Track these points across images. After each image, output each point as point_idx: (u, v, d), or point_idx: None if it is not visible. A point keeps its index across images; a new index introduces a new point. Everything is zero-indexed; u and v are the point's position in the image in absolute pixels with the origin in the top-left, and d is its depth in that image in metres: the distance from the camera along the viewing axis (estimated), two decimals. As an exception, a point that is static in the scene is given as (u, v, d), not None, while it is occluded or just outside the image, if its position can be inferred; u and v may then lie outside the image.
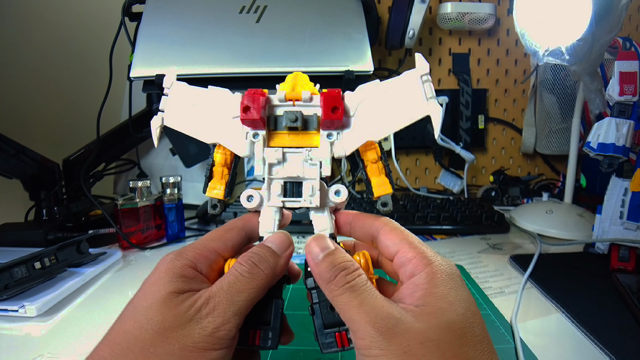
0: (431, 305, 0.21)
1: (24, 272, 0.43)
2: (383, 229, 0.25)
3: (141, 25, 0.64)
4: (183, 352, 0.19)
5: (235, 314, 0.21)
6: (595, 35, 0.50)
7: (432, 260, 0.23)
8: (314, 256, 0.23)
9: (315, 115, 0.26)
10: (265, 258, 0.23)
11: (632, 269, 0.49)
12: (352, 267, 0.22)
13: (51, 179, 0.66)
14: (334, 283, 0.22)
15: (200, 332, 0.20)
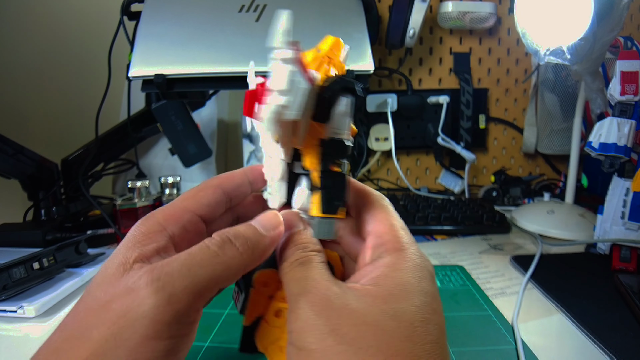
0: (382, 287, 0.18)
1: (22, 272, 0.43)
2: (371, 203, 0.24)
3: (140, 25, 0.63)
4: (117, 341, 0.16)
5: (189, 291, 0.17)
6: (597, 34, 0.50)
7: (405, 247, 0.20)
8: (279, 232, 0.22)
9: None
10: (244, 234, 0.20)
11: (633, 269, 0.49)
12: (310, 247, 0.21)
13: (50, 179, 0.66)
14: (288, 261, 0.20)
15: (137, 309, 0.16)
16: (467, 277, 0.49)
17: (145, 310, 0.16)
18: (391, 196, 0.80)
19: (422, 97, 0.87)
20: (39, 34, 0.80)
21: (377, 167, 0.95)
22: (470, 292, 0.46)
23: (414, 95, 0.87)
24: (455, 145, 0.86)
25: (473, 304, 0.43)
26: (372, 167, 0.94)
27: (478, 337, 0.37)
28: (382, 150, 0.90)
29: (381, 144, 0.90)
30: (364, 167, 0.92)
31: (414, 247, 0.21)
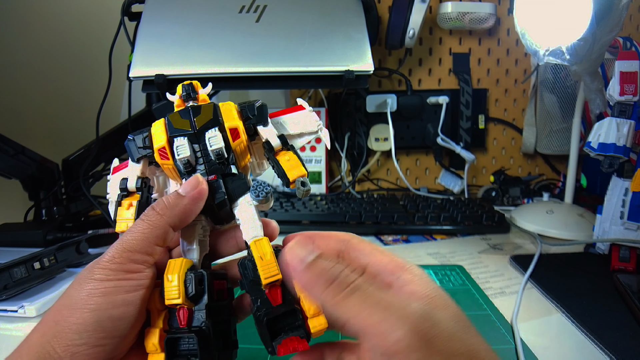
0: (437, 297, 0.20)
1: (23, 272, 0.43)
2: (350, 241, 0.24)
3: (141, 25, 0.64)
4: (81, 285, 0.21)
5: (127, 250, 0.22)
6: (596, 35, 0.50)
7: (406, 267, 0.22)
8: (301, 261, 0.21)
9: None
10: (164, 199, 0.24)
11: (632, 269, 0.49)
12: (350, 268, 0.21)
13: (50, 179, 0.66)
14: (332, 287, 0.20)
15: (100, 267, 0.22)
16: (466, 276, 0.50)
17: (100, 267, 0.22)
18: (391, 196, 0.80)
19: (421, 98, 0.87)
20: (40, 34, 0.80)
21: (377, 167, 0.95)
22: (470, 291, 0.46)
23: (414, 95, 0.87)
24: (454, 145, 0.86)
25: (472, 303, 0.43)
26: (372, 167, 0.94)
27: (477, 337, 0.37)
28: (382, 151, 0.91)
29: (381, 144, 0.90)
30: (364, 167, 0.92)
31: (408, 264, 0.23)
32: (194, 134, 0.25)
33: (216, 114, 0.26)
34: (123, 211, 0.26)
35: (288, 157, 0.25)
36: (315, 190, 0.87)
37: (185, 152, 0.25)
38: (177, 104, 0.27)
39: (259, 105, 0.26)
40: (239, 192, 0.25)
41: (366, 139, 0.90)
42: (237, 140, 0.25)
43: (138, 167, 0.27)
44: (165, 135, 0.25)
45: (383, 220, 0.66)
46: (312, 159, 0.87)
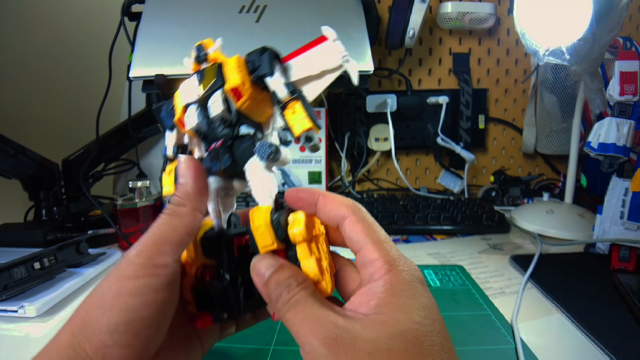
0: (385, 314, 0.20)
1: (23, 272, 0.43)
2: (349, 218, 0.23)
3: (141, 25, 0.64)
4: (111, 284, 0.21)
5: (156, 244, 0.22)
6: (596, 35, 0.50)
7: (394, 266, 0.21)
8: (261, 277, 0.22)
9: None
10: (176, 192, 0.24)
11: (632, 269, 0.49)
12: (296, 282, 0.21)
13: (50, 179, 0.66)
14: (279, 302, 0.21)
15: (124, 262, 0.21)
16: (466, 276, 0.50)
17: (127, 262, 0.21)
18: (391, 196, 0.80)
19: (421, 98, 0.87)
20: (40, 34, 0.80)
21: (377, 167, 0.95)
22: (470, 291, 0.46)
23: (414, 95, 0.87)
24: (454, 145, 0.86)
25: (472, 303, 0.43)
26: (372, 167, 0.94)
27: (477, 337, 0.37)
28: (382, 151, 0.91)
29: (381, 144, 0.90)
30: (364, 167, 0.92)
31: (401, 262, 0.22)
32: (203, 100, 0.25)
33: (220, 74, 0.24)
34: (166, 177, 0.27)
35: (292, 109, 0.23)
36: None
37: (191, 123, 0.25)
38: (193, 68, 0.26)
39: (263, 53, 0.24)
40: (245, 156, 0.24)
41: (366, 139, 0.90)
42: (241, 100, 0.24)
43: (173, 135, 0.27)
44: (182, 104, 0.25)
45: (383, 220, 0.66)
46: (312, 159, 0.87)
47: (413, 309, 0.20)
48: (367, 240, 0.22)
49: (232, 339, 0.37)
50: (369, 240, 0.22)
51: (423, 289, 0.21)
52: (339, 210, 0.23)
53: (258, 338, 0.37)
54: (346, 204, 0.24)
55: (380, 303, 0.20)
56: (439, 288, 0.47)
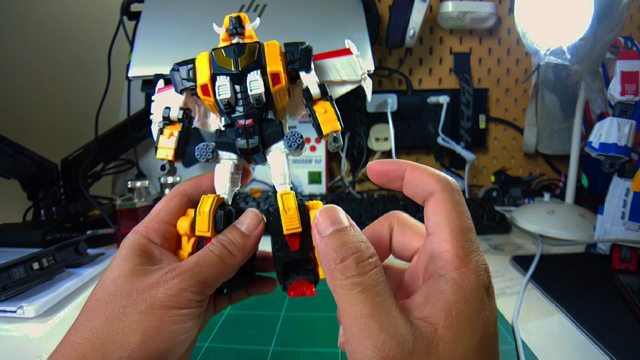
0: (452, 329, 0.17)
1: (22, 272, 0.43)
2: (436, 195, 0.21)
3: (140, 25, 0.63)
4: (150, 310, 0.21)
5: (202, 282, 0.22)
6: (597, 34, 0.50)
7: (465, 263, 0.19)
8: (322, 229, 0.20)
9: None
10: (235, 240, 0.24)
11: (633, 269, 0.48)
12: (367, 253, 0.19)
13: (49, 179, 0.65)
14: (341, 268, 0.19)
15: (166, 292, 0.21)
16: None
17: (173, 294, 0.21)
18: (391, 196, 0.80)
19: (422, 97, 0.87)
20: (39, 34, 0.80)
21: (377, 167, 0.94)
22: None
23: (414, 95, 0.87)
24: (455, 145, 0.86)
25: (473, 304, 0.43)
26: (372, 167, 0.93)
27: (478, 338, 0.37)
28: (382, 151, 0.90)
29: (381, 144, 0.90)
30: (364, 167, 0.92)
31: (474, 259, 0.19)
32: (236, 75, 0.25)
33: (260, 55, 0.25)
34: (165, 140, 0.27)
35: (325, 109, 0.25)
36: (315, 190, 0.86)
37: (226, 94, 0.25)
38: (223, 37, 0.26)
39: (303, 48, 0.26)
40: (273, 139, 0.26)
41: (366, 139, 0.90)
42: (278, 86, 0.25)
43: (181, 98, 0.27)
44: (208, 71, 0.25)
45: (383, 220, 0.66)
46: (312, 159, 0.87)
47: (478, 325, 0.18)
48: (445, 226, 0.20)
49: (232, 339, 0.37)
50: (446, 226, 0.19)
51: (488, 299, 0.19)
52: (428, 185, 0.21)
53: (258, 338, 0.37)
54: (437, 179, 0.21)
55: (449, 311, 0.18)
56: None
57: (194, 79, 0.26)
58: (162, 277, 0.22)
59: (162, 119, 0.27)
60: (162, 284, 0.22)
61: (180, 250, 0.26)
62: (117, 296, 0.22)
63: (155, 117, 0.28)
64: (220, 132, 0.27)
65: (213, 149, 0.26)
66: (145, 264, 0.23)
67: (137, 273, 0.23)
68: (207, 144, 0.26)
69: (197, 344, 0.36)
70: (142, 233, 0.25)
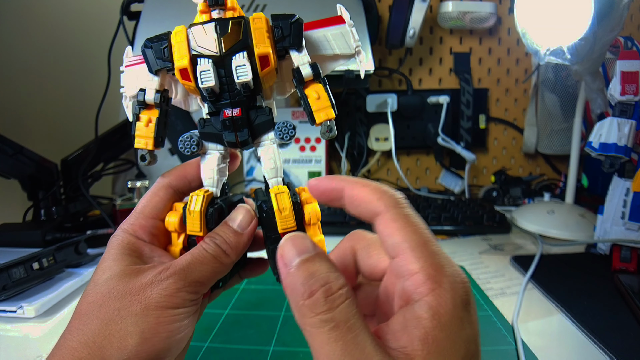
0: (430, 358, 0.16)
1: (22, 272, 0.43)
2: (382, 215, 0.19)
3: (140, 24, 0.63)
4: (146, 311, 0.21)
5: (197, 281, 0.22)
6: (597, 34, 0.50)
7: (439, 283, 0.17)
8: (288, 260, 0.19)
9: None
10: (228, 239, 0.23)
11: (633, 269, 0.48)
12: (337, 284, 0.17)
13: (49, 179, 0.65)
14: (308, 305, 0.17)
15: (161, 292, 0.21)
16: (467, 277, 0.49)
17: (168, 294, 0.21)
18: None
19: (422, 97, 0.87)
20: (39, 34, 0.80)
21: (377, 167, 0.95)
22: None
23: (414, 95, 0.87)
24: (455, 145, 0.86)
25: (473, 304, 0.43)
26: (372, 167, 0.94)
27: (478, 338, 0.37)
28: (382, 150, 0.90)
29: (381, 144, 0.90)
30: (364, 167, 0.92)
31: (447, 275, 0.18)
32: (220, 57, 0.22)
33: (246, 33, 0.22)
34: (142, 127, 0.24)
35: (318, 94, 0.23)
36: (315, 190, 0.86)
37: (210, 81, 0.22)
38: (201, 9, 0.23)
39: (294, 22, 0.23)
40: (263, 129, 0.24)
41: (366, 139, 0.90)
42: (266, 69, 0.23)
43: (156, 80, 0.24)
44: (187, 52, 0.23)
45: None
46: (312, 159, 0.87)
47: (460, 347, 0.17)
48: (406, 246, 0.18)
49: (232, 339, 0.37)
50: (407, 246, 0.18)
51: (467, 316, 0.18)
52: (370, 204, 0.20)
53: (258, 338, 0.37)
54: (379, 197, 0.20)
55: (425, 339, 0.16)
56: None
57: (170, 58, 0.23)
58: (155, 276, 0.22)
59: (136, 102, 0.24)
60: (156, 284, 0.21)
61: (170, 246, 0.25)
62: (110, 298, 0.21)
63: (127, 90, 0.25)
64: (205, 121, 0.24)
65: (198, 140, 0.24)
66: (136, 263, 0.23)
67: (130, 273, 0.22)
68: (191, 134, 0.24)
69: (197, 343, 0.36)
70: (129, 231, 0.24)
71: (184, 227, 0.24)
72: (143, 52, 0.24)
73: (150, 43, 0.24)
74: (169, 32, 0.24)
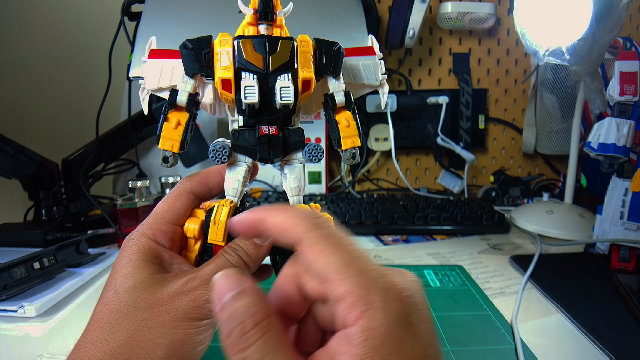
0: None
1: (23, 272, 0.43)
2: (304, 241, 0.18)
3: (140, 25, 0.64)
4: (174, 323, 0.20)
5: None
6: (596, 35, 0.50)
7: (370, 303, 0.16)
8: (216, 301, 0.18)
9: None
10: (248, 251, 0.24)
11: (632, 269, 0.49)
12: (252, 321, 0.17)
13: (50, 179, 0.66)
14: (227, 345, 0.17)
15: (189, 304, 0.21)
16: (466, 277, 0.50)
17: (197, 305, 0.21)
18: (391, 196, 0.80)
19: (421, 98, 0.87)
20: (39, 34, 0.80)
21: (377, 167, 0.95)
22: (470, 292, 0.46)
23: (414, 95, 0.87)
24: (454, 145, 0.86)
25: (472, 303, 0.43)
26: (371, 167, 0.94)
27: (477, 337, 0.37)
28: (382, 151, 0.91)
29: (381, 144, 0.90)
30: (364, 167, 0.92)
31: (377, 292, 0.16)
32: (265, 75, 0.23)
33: (293, 55, 0.23)
34: (170, 129, 0.24)
35: (348, 122, 0.24)
36: (315, 190, 0.87)
37: (253, 98, 0.22)
38: (249, 21, 0.23)
39: (336, 51, 0.24)
40: (293, 148, 0.25)
41: (366, 139, 0.90)
42: (306, 93, 0.24)
43: (191, 84, 0.24)
44: (231, 63, 0.23)
45: (383, 220, 0.66)
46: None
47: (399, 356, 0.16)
48: (330, 269, 0.17)
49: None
50: (331, 269, 0.17)
51: (408, 331, 0.16)
52: (290, 234, 0.19)
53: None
54: (296, 222, 0.19)
55: None
56: (439, 288, 0.47)
57: (210, 65, 0.23)
58: (182, 287, 0.21)
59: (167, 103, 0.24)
60: (184, 295, 0.21)
61: (186, 252, 0.25)
62: (137, 309, 0.21)
63: (148, 83, 0.25)
64: (238, 133, 0.24)
65: (230, 152, 0.24)
66: (159, 271, 0.23)
67: (155, 283, 0.22)
68: (223, 145, 0.24)
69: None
70: (150, 236, 0.24)
71: (201, 234, 0.24)
72: (182, 52, 0.24)
73: (191, 45, 0.24)
74: (211, 37, 0.24)
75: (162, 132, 0.24)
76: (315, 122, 0.85)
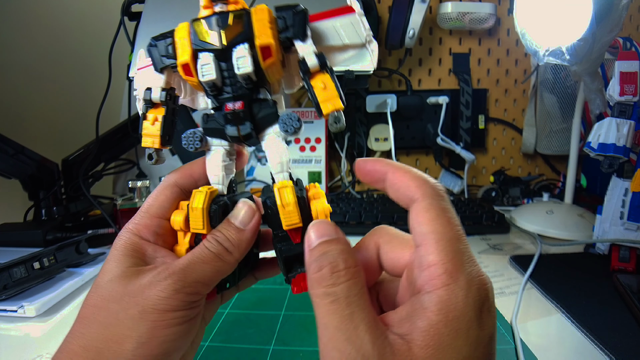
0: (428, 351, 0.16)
1: (23, 272, 0.43)
2: (418, 203, 0.19)
3: (141, 25, 0.64)
4: (143, 314, 0.20)
5: (198, 281, 0.21)
6: (596, 35, 0.50)
7: (455, 279, 0.17)
8: (310, 243, 0.20)
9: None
10: (229, 236, 0.23)
11: (632, 269, 0.49)
12: (344, 264, 0.18)
13: (50, 179, 0.66)
14: (317, 277, 0.19)
15: (158, 294, 0.20)
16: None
17: (165, 296, 0.20)
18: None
19: (421, 98, 0.88)
20: (39, 34, 0.80)
21: (377, 168, 0.95)
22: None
23: (414, 95, 0.88)
24: (454, 145, 0.86)
25: (472, 303, 0.43)
26: (371, 167, 0.94)
27: (477, 337, 0.37)
28: (382, 151, 0.91)
29: (381, 144, 0.90)
30: (364, 167, 0.92)
31: (465, 271, 0.17)
32: (221, 50, 0.22)
33: (248, 25, 0.22)
34: (149, 126, 0.24)
35: (324, 84, 0.22)
36: (315, 190, 0.87)
37: (210, 75, 0.22)
38: (204, 4, 0.23)
39: (297, 12, 0.22)
40: (266, 123, 0.23)
41: (366, 139, 0.90)
42: (269, 60, 0.22)
43: (162, 79, 0.24)
44: (189, 47, 0.22)
45: (383, 220, 0.66)
46: (312, 159, 0.87)
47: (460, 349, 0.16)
48: (430, 237, 0.18)
49: (232, 338, 0.37)
50: (432, 237, 0.18)
51: (479, 318, 0.17)
52: (409, 190, 0.20)
53: (258, 337, 0.37)
54: (418, 184, 0.20)
55: (428, 331, 0.17)
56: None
57: (174, 55, 0.23)
58: (154, 277, 0.21)
59: (143, 102, 0.24)
60: (154, 285, 0.21)
61: (177, 246, 0.25)
62: (110, 301, 0.21)
63: (139, 92, 0.25)
64: (208, 116, 0.24)
65: (201, 136, 0.24)
66: (137, 264, 0.22)
67: (130, 275, 0.21)
68: (195, 131, 0.24)
69: (198, 343, 0.36)
70: (133, 231, 0.24)
71: (189, 226, 0.24)
72: (149, 51, 0.24)
73: (155, 42, 0.24)
74: (174, 30, 0.24)
75: (143, 131, 0.24)
76: (316, 122, 0.85)
